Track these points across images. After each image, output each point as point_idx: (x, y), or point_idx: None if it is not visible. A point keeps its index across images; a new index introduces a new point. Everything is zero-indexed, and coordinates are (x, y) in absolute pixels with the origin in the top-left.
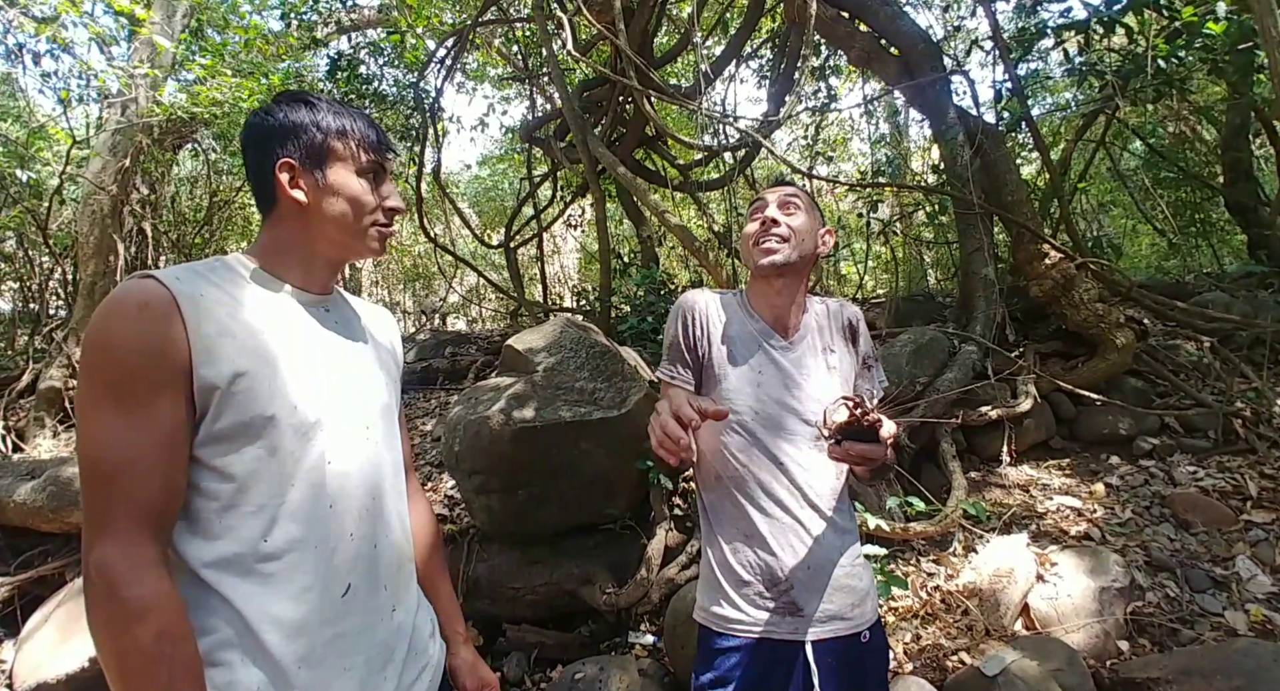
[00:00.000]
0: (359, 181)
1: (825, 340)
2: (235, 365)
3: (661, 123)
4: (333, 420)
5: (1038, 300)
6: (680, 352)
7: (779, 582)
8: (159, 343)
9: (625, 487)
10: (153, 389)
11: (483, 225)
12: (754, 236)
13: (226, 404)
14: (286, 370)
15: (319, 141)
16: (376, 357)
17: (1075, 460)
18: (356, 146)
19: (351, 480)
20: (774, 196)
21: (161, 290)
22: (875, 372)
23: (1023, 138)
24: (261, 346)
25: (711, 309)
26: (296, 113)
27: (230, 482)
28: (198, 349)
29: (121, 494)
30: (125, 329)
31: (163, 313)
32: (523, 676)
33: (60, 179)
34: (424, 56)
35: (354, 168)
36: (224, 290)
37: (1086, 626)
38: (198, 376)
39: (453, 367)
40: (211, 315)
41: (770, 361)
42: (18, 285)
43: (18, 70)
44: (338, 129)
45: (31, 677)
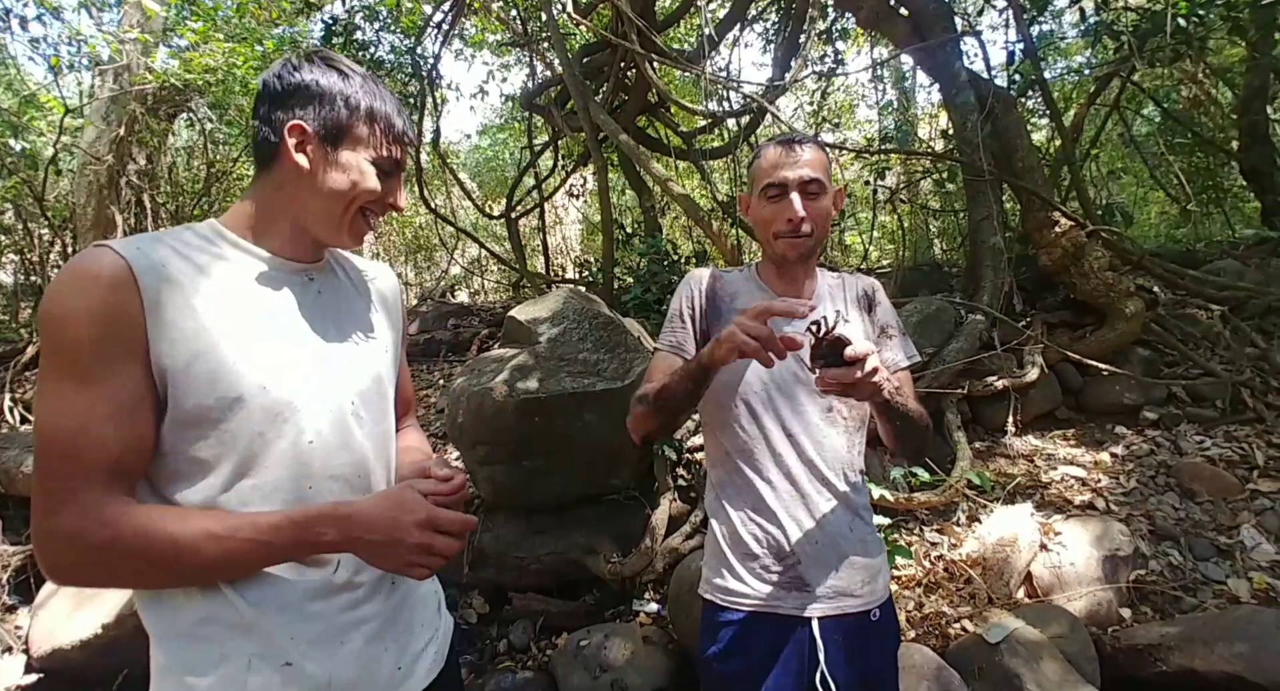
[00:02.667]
0: (370, 168)
1: (838, 308)
2: (192, 346)
3: (665, 88)
4: (312, 398)
5: (1047, 269)
6: (686, 325)
7: (786, 556)
8: (112, 314)
9: (629, 458)
10: (106, 361)
11: (484, 196)
12: (776, 230)
13: (184, 387)
14: (256, 347)
15: (343, 117)
16: (370, 322)
17: (1081, 430)
18: (381, 134)
19: (336, 459)
20: (795, 175)
21: (118, 261)
22: (902, 344)
23: (1033, 102)
24: (227, 323)
25: (719, 285)
26: (327, 77)
27: (200, 466)
28: (153, 326)
29: (78, 464)
30: (77, 301)
31: (117, 284)
32: (528, 643)
33: (55, 149)
34: (420, 21)
35: (370, 155)
36: (190, 260)
37: (1089, 594)
38: (153, 355)
39: (455, 339)
40: (174, 287)
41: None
42: (18, 258)
43: (5, 36)
44: (366, 110)
45: (47, 643)
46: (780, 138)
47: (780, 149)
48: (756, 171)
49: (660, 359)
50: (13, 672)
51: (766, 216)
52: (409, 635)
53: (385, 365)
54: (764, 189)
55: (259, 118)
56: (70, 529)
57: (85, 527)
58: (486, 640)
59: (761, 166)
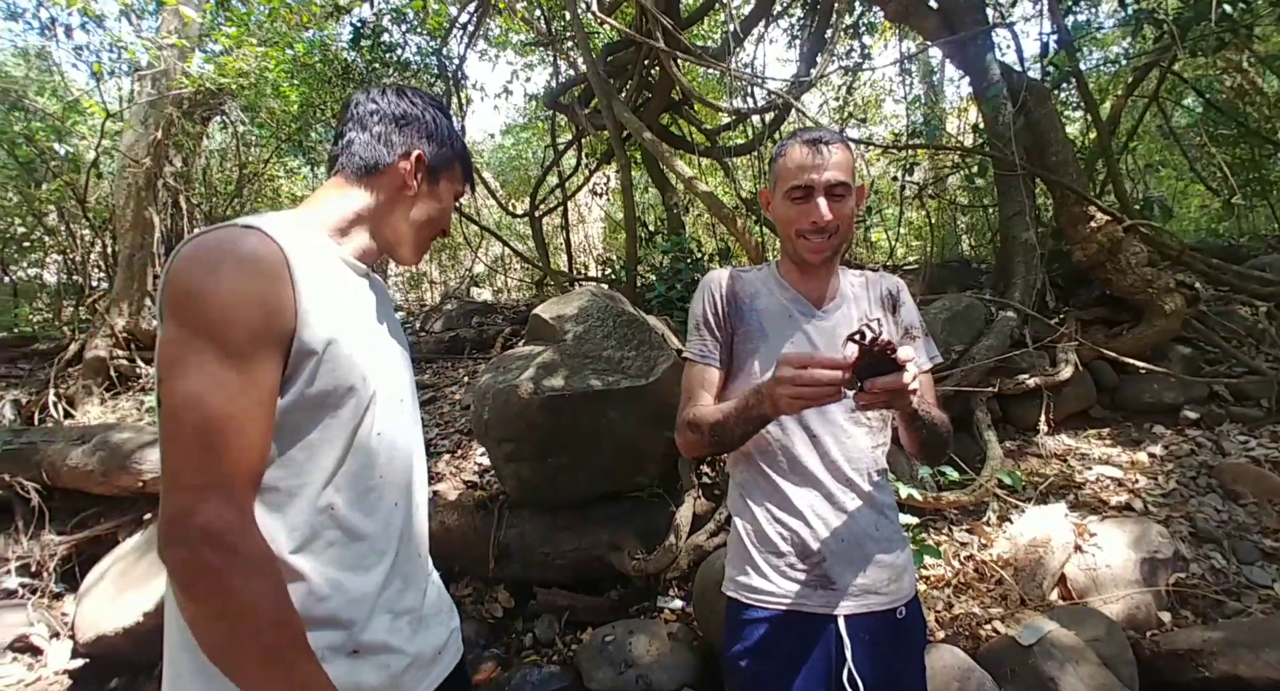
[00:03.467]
0: (452, 202)
1: (861, 309)
2: (329, 331)
3: (689, 86)
4: (384, 393)
5: (1081, 265)
6: (710, 329)
7: (812, 554)
8: (271, 300)
9: (653, 456)
10: (259, 346)
11: (507, 194)
12: (800, 229)
13: (320, 370)
14: (359, 341)
15: (450, 157)
16: (401, 333)
17: (1117, 429)
18: (463, 175)
19: (396, 452)
20: (821, 177)
21: (272, 244)
22: (924, 345)
23: (1066, 95)
24: (344, 315)
25: (739, 285)
26: (443, 120)
27: (305, 450)
28: (302, 311)
29: (229, 451)
30: (236, 281)
31: (276, 269)
32: (553, 638)
33: (96, 152)
34: (446, 22)
35: (455, 191)
36: (309, 251)
37: (1126, 597)
38: (298, 339)
39: (479, 337)
40: (314, 275)
41: (801, 332)
42: (61, 258)
43: (51, 44)
44: (462, 153)
45: (91, 630)
46: (806, 135)
47: (807, 149)
48: (781, 170)
49: (694, 372)
50: (60, 657)
51: (790, 216)
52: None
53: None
54: (789, 190)
55: (370, 134)
56: (208, 522)
57: (221, 523)
58: (512, 634)
59: (786, 166)
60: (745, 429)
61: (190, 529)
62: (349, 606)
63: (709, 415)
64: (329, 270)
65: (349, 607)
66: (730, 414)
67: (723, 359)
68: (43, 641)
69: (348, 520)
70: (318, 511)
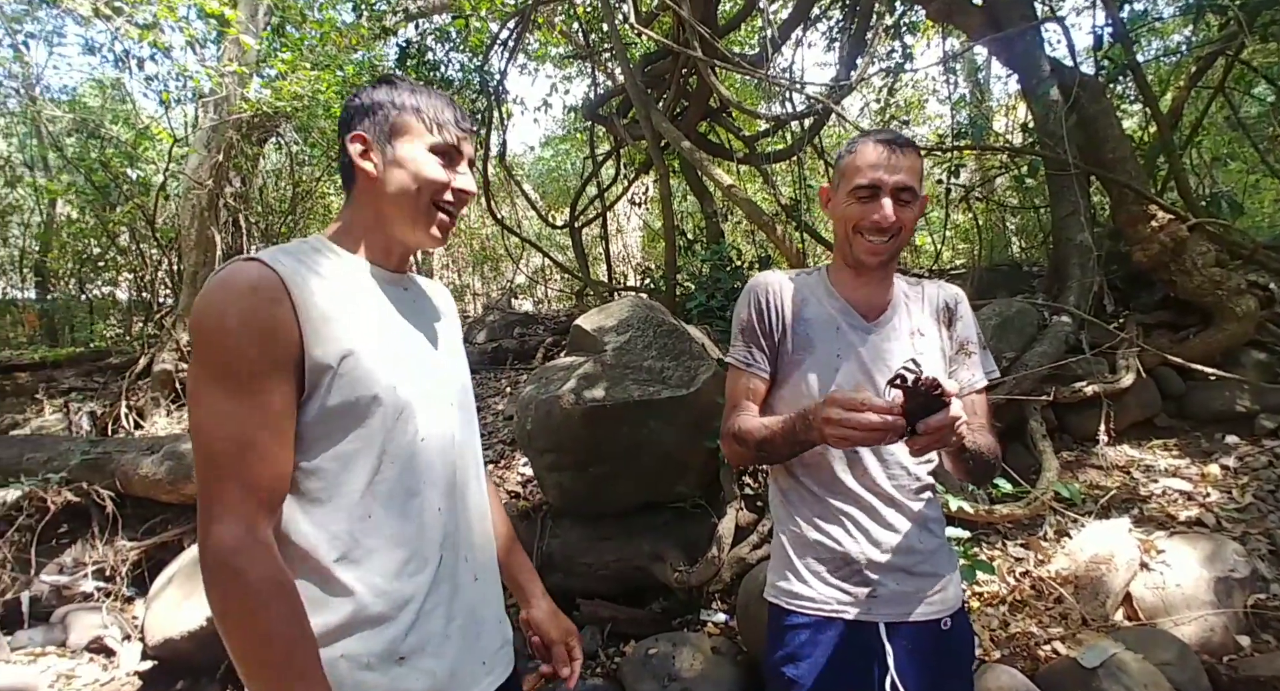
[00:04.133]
0: (429, 155)
1: (914, 322)
2: (343, 345)
3: (726, 93)
4: (422, 399)
5: (1142, 266)
6: (755, 336)
7: (852, 563)
8: (270, 325)
9: (695, 466)
10: (264, 371)
11: (547, 206)
12: (860, 226)
13: (337, 383)
14: (383, 349)
15: (392, 116)
16: (452, 335)
17: (1185, 440)
18: (430, 121)
19: (440, 457)
20: (890, 178)
21: (269, 272)
22: (980, 360)
23: (1124, 88)
24: (361, 326)
25: (786, 291)
26: (377, 92)
27: (337, 460)
28: (308, 330)
29: (236, 476)
30: (236, 311)
31: (273, 295)
32: (596, 650)
33: (164, 176)
34: (488, 39)
35: (426, 143)
36: (316, 271)
37: (1200, 619)
38: (309, 357)
39: (521, 347)
40: (315, 293)
41: (849, 345)
42: (132, 276)
43: (124, 75)
44: (413, 105)
45: (159, 633)
46: (880, 135)
47: (880, 148)
48: (848, 167)
49: (739, 380)
50: (131, 659)
51: (851, 214)
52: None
53: (468, 375)
54: (855, 188)
55: (339, 149)
56: (220, 540)
57: (232, 542)
58: None
59: (855, 163)
60: (792, 449)
61: (205, 551)
62: (393, 613)
63: (756, 429)
64: (341, 286)
65: (393, 614)
66: (777, 433)
67: (769, 367)
68: (115, 643)
69: (389, 527)
70: (357, 519)
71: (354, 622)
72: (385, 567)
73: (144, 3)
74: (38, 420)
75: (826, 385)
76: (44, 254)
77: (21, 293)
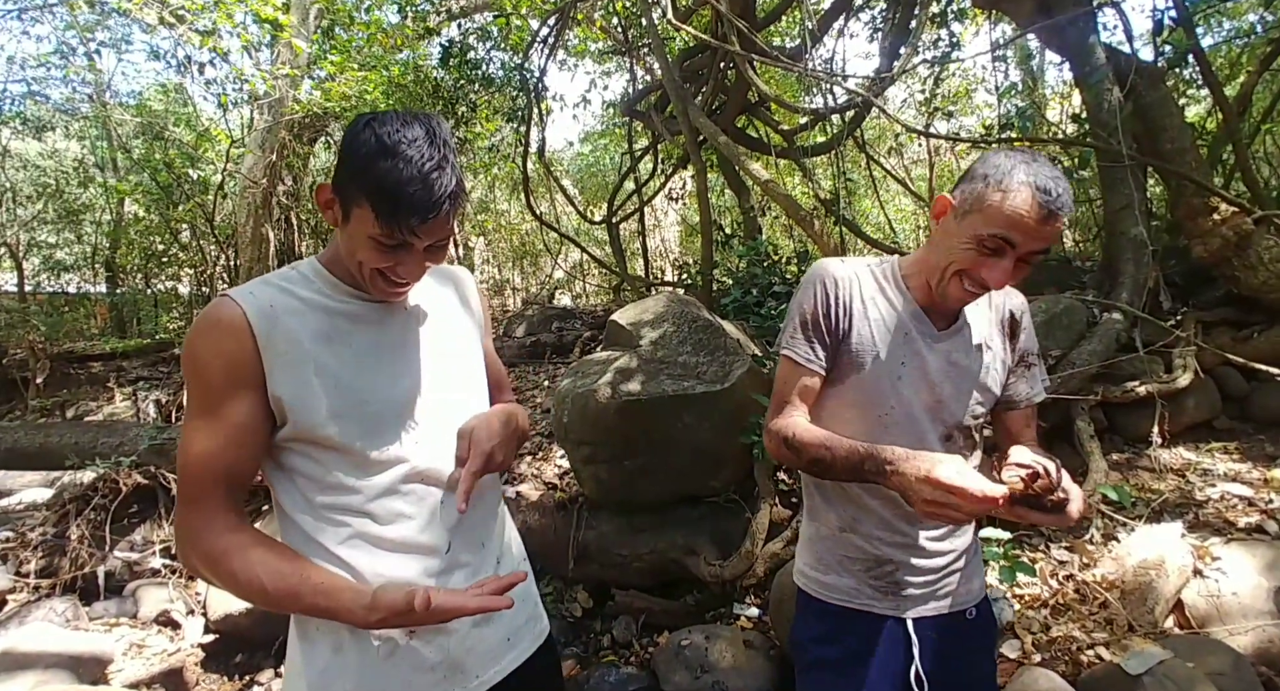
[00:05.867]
0: (369, 241)
1: (983, 334)
2: (300, 371)
3: (765, 88)
4: (411, 405)
5: (1202, 261)
6: (819, 331)
7: (883, 562)
8: (231, 357)
9: (729, 461)
10: (226, 396)
11: (585, 201)
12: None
13: (298, 410)
14: (356, 366)
15: (353, 188)
16: (456, 329)
17: (1247, 443)
18: (375, 216)
19: (439, 453)
20: (1028, 243)
21: (235, 308)
22: (1036, 373)
23: (1189, 73)
24: (330, 352)
25: (855, 286)
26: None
27: (322, 467)
28: (269, 363)
29: (199, 482)
30: (204, 345)
31: (236, 330)
32: (631, 639)
33: (222, 175)
34: (528, 37)
35: (368, 231)
36: (298, 297)
37: (1257, 629)
38: (270, 389)
39: (559, 341)
40: (283, 327)
41: (915, 354)
42: (193, 271)
43: (186, 79)
44: (371, 188)
45: (220, 609)
46: (1043, 183)
47: (1036, 208)
48: (991, 203)
49: (793, 376)
50: (195, 632)
51: (964, 259)
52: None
53: (472, 364)
54: (988, 235)
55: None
56: (192, 530)
57: (202, 532)
58: (590, 634)
59: (1002, 206)
60: (849, 477)
61: (177, 532)
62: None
63: (814, 445)
64: (312, 321)
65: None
66: (839, 459)
67: (826, 364)
68: (180, 617)
69: (389, 522)
70: (356, 515)
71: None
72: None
73: (204, 10)
74: (109, 407)
75: (885, 393)
76: (113, 250)
77: (94, 287)
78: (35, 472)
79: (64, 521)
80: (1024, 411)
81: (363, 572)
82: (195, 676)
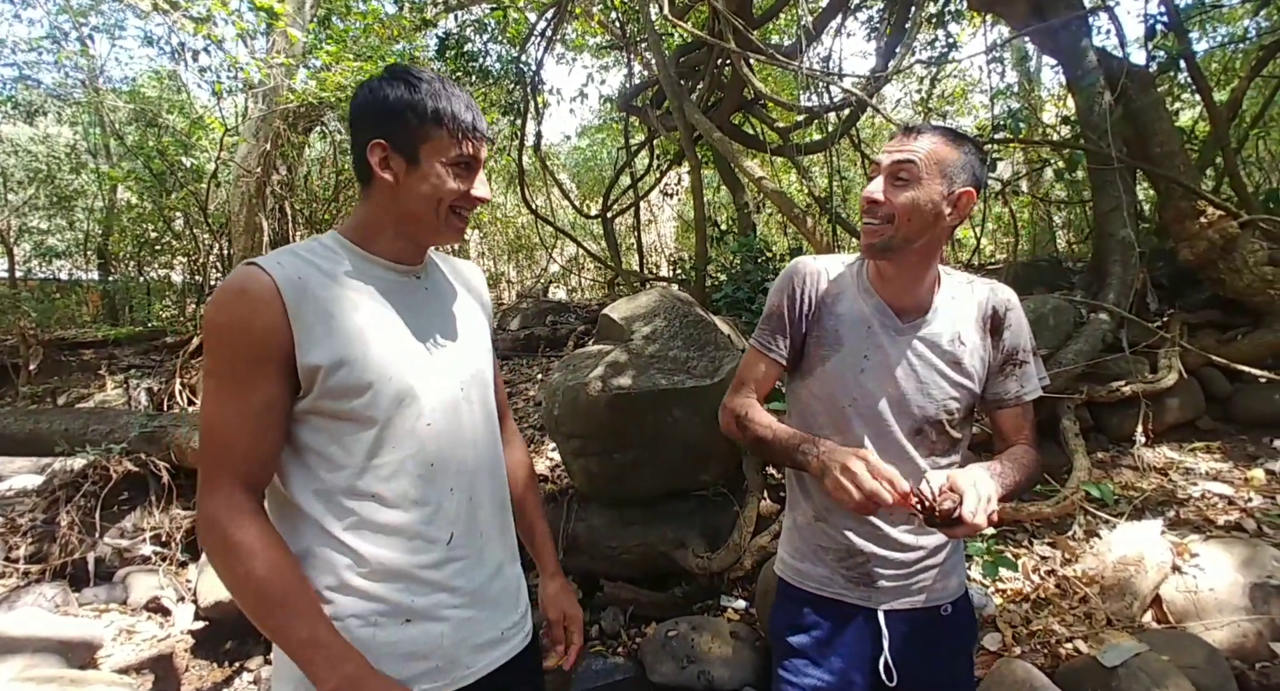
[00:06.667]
0: (446, 169)
1: (956, 328)
2: (334, 348)
3: (759, 85)
4: (429, 387)
5: (1188, 264)
6: (782, 323)
7: (856, 554)
8: (260, 326)
9: (718, 456)
10: (254, 368)
11: (582, 195)
12: (861, 208)
13: (329, 380)
14: (382, 344)
15: (413, 126)
16: (471, 320)
17: (1229, 443)
18: (449, 134)
19: (450, 440)
20: (888, 157)
21: (264, 277)
22: (1029, 371)
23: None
24: (358, 324)
25: (824, 280)
26: (396, 91)
27: (337, 444)
28: (299, 333)
29: (223, 458)
30: (230, 314)
31: (265, 299)
32: (618, 631)
33: (215, 164)
34: (526, 30)
35: (443, 156)
36: (323, 270)
37: (1232, 624)
38: (301, 359)
39: (553, 335)
40: (312, 297)
41: (878, 347)
42: (186, 260)
43: (180, 67)
44: (433, 113)
45: (210, 596)
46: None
47: (900, 134)
48: None
49: (753, 361)
50: (185, 619)
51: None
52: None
53: (485, 358)
54: (870, 172)
55: (351, 144)
56: (210, 511)
57: (219, 513)
58: None
59: None
60: (787, 462)
61: (199, 519)
62: (399, 579)
63: (759, 423)
64: (342, 290)
65: (399, 581)
66: (780, 442)
67: (788, 355)
68: (171, 604)
69: (395, 505)
70: (362, 498)
71: (360, 586)
72: (393, 541)
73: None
74: (100, 394)
75: (849, 385)
76: (106, 237)
77: (86, 274)
78: (26, 459)
79: (54, 507)
80: (1014, 410)
81: (364, 557)
82: (185, 662)
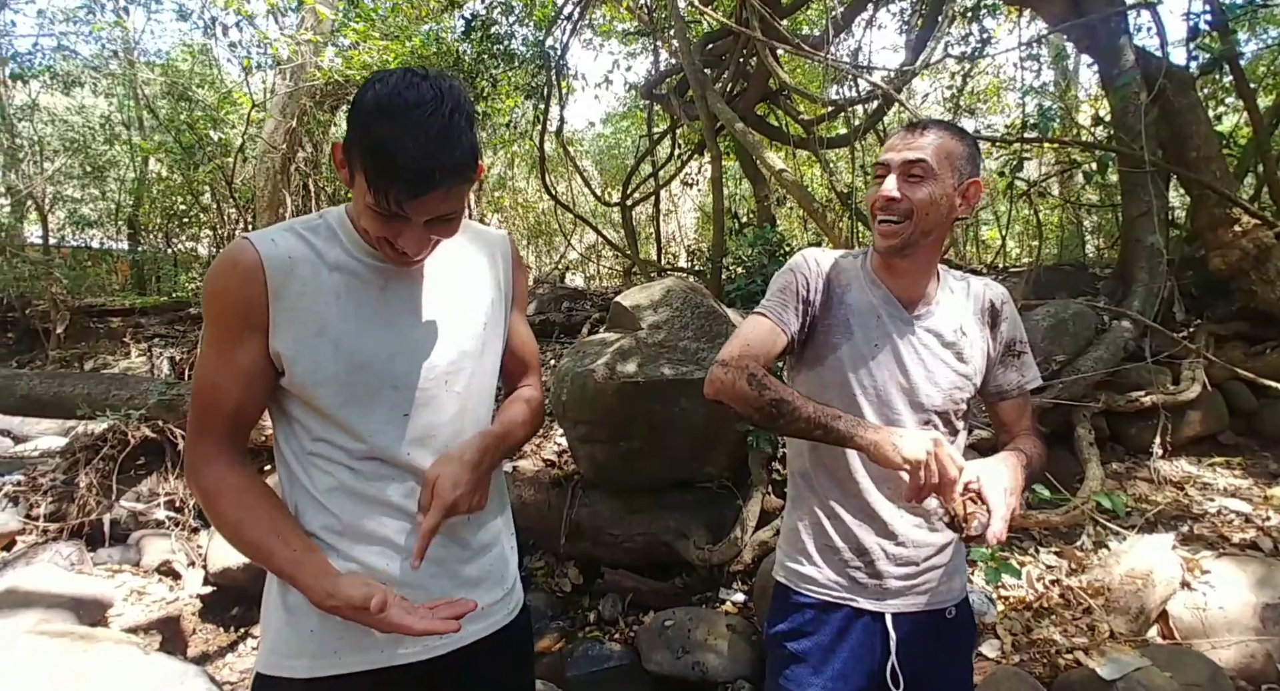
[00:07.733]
0: (367, 210)
1: (958, 320)
2: (305, 327)
3: (785, 76)
4: (408, 373)
5: (1219, 273)
6: (796, 301)
7: (864, 554)
8: (242, 298)
9: (724, 448)
10: (237, 334)
11: (604, 182)
12: (874, 208)
13: (297, 364)
14: (358, 329)
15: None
16: (468, 293)
17: (1252, 459)
18: (374, 183)
19: (430, 427)
20: (898, 156)
21: (252, 254)
22: (1028, 360)
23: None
24: (337, 308)
25: (834, 271)
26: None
27: (316, 419)
28: (276, 314)
29: (208, 415)
30: (220, 284)
31: (249, 274)
32: (617, 617)
33: (243, 139)
34: (553, 13)
35: (366, 197)
36: (316, 250)
37: (1240, 644)
38: (272, 342)
39: (568, 321)
40: (297, 279)
41: (886, 336)
42: (212, 233)
43: (211, 41)
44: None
45: (219, 563)
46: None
47: (902, 132)
48: None
49: (763, 327)
50: (194, 583)
51: (869, 196)
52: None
53: (475, 338)
54: (875, 169)
55: None
56: (196, 461)
57: (202, 466)
58: (578, 609)
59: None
60: (817, 431)
61: (186, 469)
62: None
63: (780, 387)
64: (324, 274)
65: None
66: (811, 408)
67: (798, 332)
68: (181, 567)
69: (374, 478)
70: (343, 468)
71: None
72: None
73: None
74: (125, 362)
75: (858, 374)
76: (136, 208)
77: (116, 244)
78: (51, 421)
79: (74, 469)
80: (1016, 401)
81: (345, 521)
82: (192, 625)
